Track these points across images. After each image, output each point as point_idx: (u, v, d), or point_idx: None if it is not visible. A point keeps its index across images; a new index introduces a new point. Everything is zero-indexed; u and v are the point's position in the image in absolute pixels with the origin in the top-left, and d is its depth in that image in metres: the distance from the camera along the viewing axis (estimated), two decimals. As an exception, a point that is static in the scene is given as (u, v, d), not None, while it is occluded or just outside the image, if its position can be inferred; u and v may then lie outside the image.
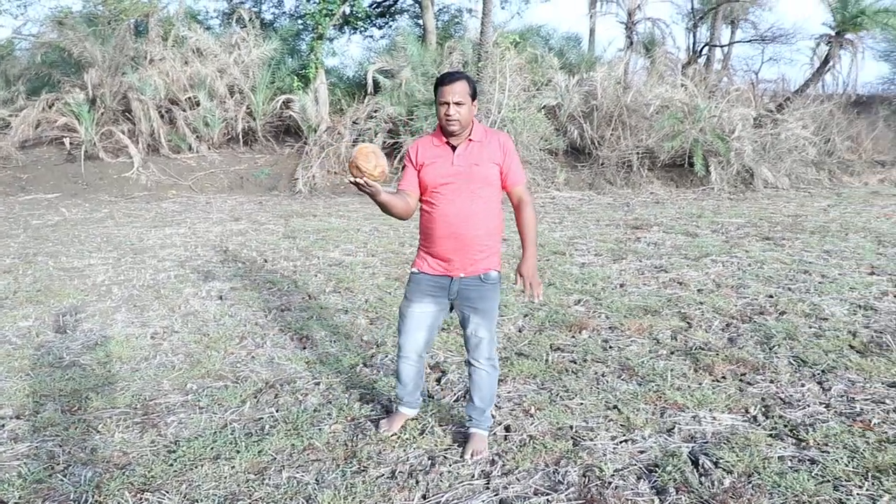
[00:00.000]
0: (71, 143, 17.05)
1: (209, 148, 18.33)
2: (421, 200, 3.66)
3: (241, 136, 18.49)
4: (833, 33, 19.87)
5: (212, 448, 3.85)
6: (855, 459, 3.59)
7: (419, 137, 3.90)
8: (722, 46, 24.80)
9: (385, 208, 3.41)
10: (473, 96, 3.51)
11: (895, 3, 19.25)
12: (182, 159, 17.85)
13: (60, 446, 3.90)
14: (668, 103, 17.96)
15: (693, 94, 18.28)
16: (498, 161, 3.57)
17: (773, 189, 17.10)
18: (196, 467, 3.64)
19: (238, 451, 3.80)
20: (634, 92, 18.55)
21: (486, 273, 3.63)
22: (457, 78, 3.48)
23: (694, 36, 24.56)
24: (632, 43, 21.07)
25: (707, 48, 24.22)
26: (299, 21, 21.95)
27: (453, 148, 3.57)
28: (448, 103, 3.44)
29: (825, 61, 20.24)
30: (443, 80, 3.49)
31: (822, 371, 4.89)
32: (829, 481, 3.40)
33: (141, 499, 3.37)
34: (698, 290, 7.20)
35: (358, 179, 3.14)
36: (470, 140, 3.56)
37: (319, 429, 4.07)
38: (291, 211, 13.73)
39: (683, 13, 25.82)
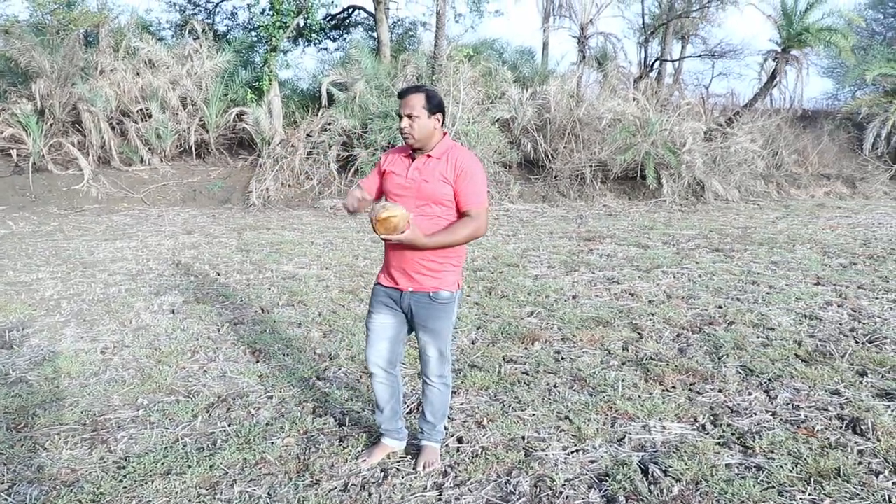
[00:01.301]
0: (18, 155, 16.68)
1: (161, 160, 18.13)
2: None
3: (194, 149, 18.33)
4: (779, 49, 20.38)
5: (162, 463, 3.81)
6: (799, 465, 3.68)
7: (394, 147, 3.88)
8: (673, 61, 25.24)
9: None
10: (434, 110, 3.47)
11: (837, 22, 19.80)
12: (134, 172, 17.62)
13: (5, 465, 3.82)
14: (621, 117, 18.23)
15: (645, 108, 18.58)
16: (449, 180, 3.44)
17: (724, 201, 17.43)
18: (146, 483, 3.60)
19: (189, 466, 3.77)
20: (587, 105, 18.79)
21: (435, 292, 3.53)
22: (412, 91, 3.49)
23: (645, 50, 24.99)
24: (584, 57, 21.37)
25: (658, 63, 24.64)
26: (253, 33, 21.85)
27: (413, 161, 3.55)
28: (402, 116, 3.47)
29: (772, 76, 20.74)
30: (400, 94, 3.53)
31: (769, 380, 5.00)
32: (773, 487, 3.48)
33: (88, 516, 3.33)
34: (649, 302, 7.31)
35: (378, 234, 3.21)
36: (428, 156, 3.51)
37: (272, 442, 4.06)
38: (245, 224, 13.63)
39: (635, 28, 26.33)
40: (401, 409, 3.93)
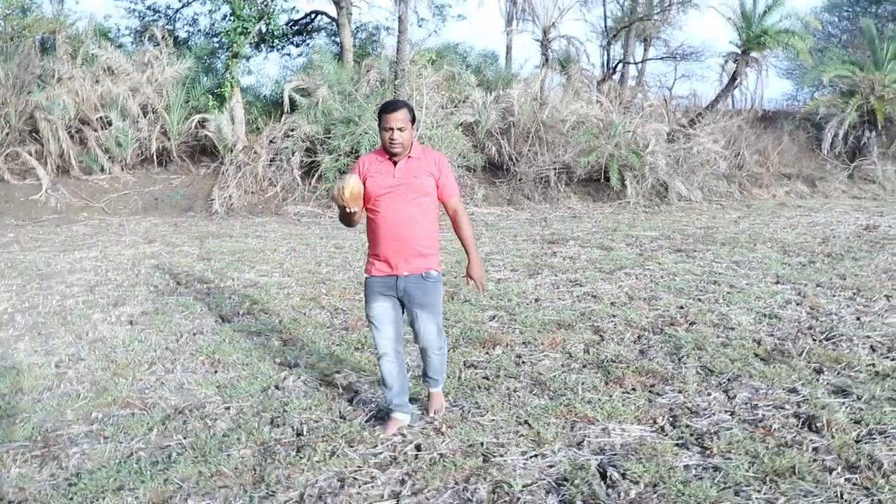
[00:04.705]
0: (-28, 166, 16.41)
1: (122, 169, 17.87)
2: (366, 209, 4.13)
3: (155, 157, 18.07)
4: (739, 51, 20.59)
5: (115, 479, 3.73)
6: (755, 465, 3.69)
7: (367, 154, 4.39)
8: (636, 63, 25.42)
9: (347, 218, 4.03)
10: (413, 121, 4.05)
11: (795, 24, 20.08)
12: (94, 181, 17.36)
13: (-50, 484, 3.74)
14: (584, 119, 18.32)
15: (608, 110, 18.69)
16: (434, 174, 4.11)
17: (687, 202, 17.58)
18: (97, 500, 3.53)
19: (143, 481, 3.70)
20: (551, 108, 18.84)
21: (426, 272, 4.13)
22: (399, 107, 3.99)
23: (608, 53, 25.15)
24: (547, 60, 21.45)
25: (621, 65, 24.80)
26: (214, 39, 21.65)
27: (395, 163, 4.06)
28: (392, 129, 3.94)
29: (733, 78, 20.95)
30: (386, 109, 3.98)
31: (728, 379, 5.02)
32: (730, 487, 3.49)
33: (36, 535, 3.25)
34: (611, 304, 7.33)
35: (352, 210, 3.93)
36: (409, 157, 4.08)
37: (228, 454, 4.00)
38: (207, 232, 13.48)
39: (597, 31, 26.47)
40: (407, 384, 4.41)
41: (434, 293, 4.17)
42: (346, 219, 4.03)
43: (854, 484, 3.50)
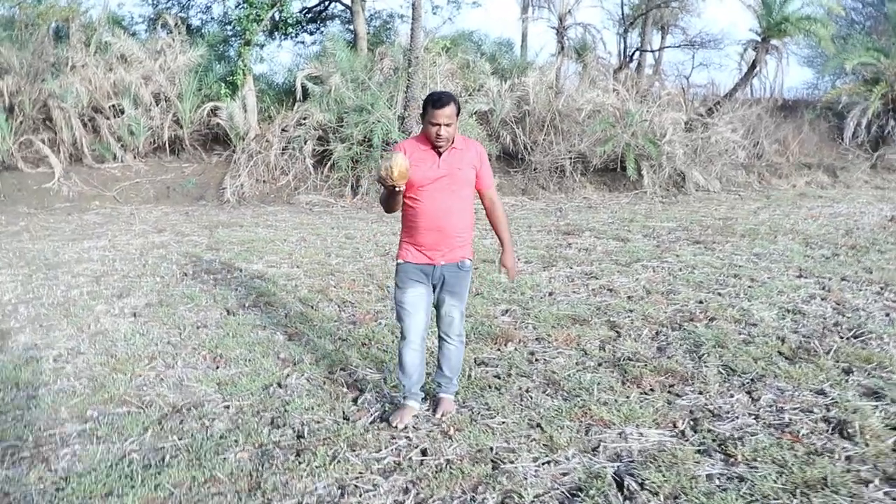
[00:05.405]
0: (-14, 153, 16.31)
1: (135, 157, 17.73)
2: (405, 197, 4.04)
3: (167, 145, 17.93)
4: (759, 39, 20.16)
5: (104, 483, 3.55)
6: (783, 475, 3.45)
7: (405, 140, 4.30)
8: (653, 51, 25.03)
9: (393, 200, 3.97)
10: (458, 114, 3.95)
11: (817, 11, 19.64)
12: (106, 169, 17.24)
13: (-68, 488, 3.56)
14: (600, 108, 18.01)
15: (625, 99, 18.37)
16: (476, 165, 4.09)
17: (705, 192, 17.25)
18: (84, 506, 3.35)
19: (133, 487, 3.51)
20: (566, 97, 18.54)
21: (462, 261, 4.15)
22: (447, 101, 3.86)
23: (625, 41, 24.74)
24: (563, 48, 21.08)
25: (638, 53, 24.42)
26: (227, 27, 21.45)
27: (439, 153, 3.98)
28: (440, 125, 3.86)
29: (752, 66, 20.52)
30: (435, 103, 3.86)
31: (752, 380, 4.78)
32: (757, 500, 3.25)
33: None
34: (628, 297, 7.09)
35: (401, 188, 3.81)
36: (454, 148, 4.01)
37: (224, 458, 3.80)
38: (218, 221, 13.32)
39: (614, 19, 26.01)
40: (423, 375, 4.37)
41: (466, 281, 4.23)
42: (391, 200, 3.97)
43: (894, 499, 3.25)
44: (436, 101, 3.87)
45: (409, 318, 4.15)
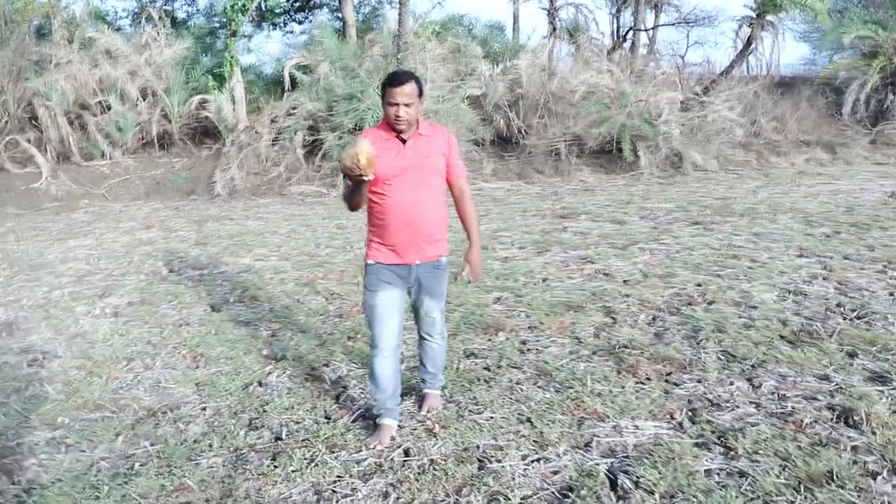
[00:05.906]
0: (-28, 155, 16.07)
1: (123, 154, 17.46)
2: (370, 193, 3.68)
3: (156, 140, 17.66)
4: (754, 15, 19.88)
5: (68, 496, 3.36)
6: (787, 468, 3.25)
7: (368, 129, 3.94)
8: (646, 30, 24.72)
9: (359, 194, 3.59)
10: (420, 95, 3.62)
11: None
12: (95, 167, 16.98)
13: None
14: (595, 89, 17.73)
15: (619, 80, 18.10)
16: (445, 153, 3.76)
17: (703, 172, 17.00)
18: (46, 521, 3.15)
19: (98, 498, 3.32)
20: (560, 79, 18.26)
21: (437, 259, 3.90)
22: (406, 79, 3.56)
23: (618, 21, 24.47)
24: (555, 29, 20.83)
25: (632, 33, 24.11)
26: (213, 18, 21.17)
27: (403, 141, 3.65)
28: (398, 104, 3.52)
29: (748, 43, 20.23)
30: (392, 82, 3.55)
31: (752, 366, 4.58)
32: (759, 497, 3.05)
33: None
34: (625, 282, 6.88)
35: (369, 177, 3.38)
36: (419, 134, 3.68)
37: (196, 463, 3.61)
38: (207, 215, 13.09)
39: (606, -2, 25.70)
40: (400, 385, 3.98)
41: (444, 280, 4.01)
42: (356, 195, 3.61)
43: (903, 492, 3.05)
44: (392, 79, 3.57)
45: (379, 325, 3.77)
